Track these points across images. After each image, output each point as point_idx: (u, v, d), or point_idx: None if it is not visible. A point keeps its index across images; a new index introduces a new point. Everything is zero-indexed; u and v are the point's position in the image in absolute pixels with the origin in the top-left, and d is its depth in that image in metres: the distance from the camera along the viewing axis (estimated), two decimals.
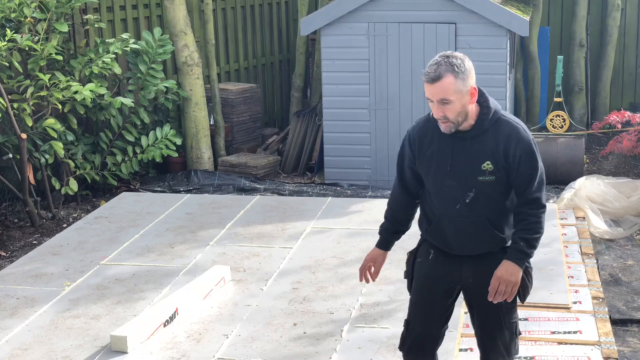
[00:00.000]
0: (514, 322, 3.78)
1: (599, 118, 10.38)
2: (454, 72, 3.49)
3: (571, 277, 5.96)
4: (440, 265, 3.79)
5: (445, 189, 3.66)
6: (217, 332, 5.24)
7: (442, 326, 3.87)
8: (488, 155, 3.59)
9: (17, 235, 7.42)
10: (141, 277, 6.15)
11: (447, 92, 3.49)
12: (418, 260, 3.86)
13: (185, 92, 9.02)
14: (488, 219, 3.66)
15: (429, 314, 3.82)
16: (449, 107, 3.53)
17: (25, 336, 5.26)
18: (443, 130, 3.61)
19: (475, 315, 3.81)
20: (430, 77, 3.50)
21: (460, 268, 3.75)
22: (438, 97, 3.51)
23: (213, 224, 7.28)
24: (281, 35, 11.26)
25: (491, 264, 3.68)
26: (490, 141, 3.60)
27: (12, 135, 7.50)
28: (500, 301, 3.65)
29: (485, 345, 3.82)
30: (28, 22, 7.60)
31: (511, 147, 3.58)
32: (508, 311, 3.74)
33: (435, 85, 3.50)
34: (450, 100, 3.50)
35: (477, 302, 3.77)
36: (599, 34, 10.80)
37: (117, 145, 8.59)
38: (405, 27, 8.36)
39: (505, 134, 3.60)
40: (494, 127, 3.61)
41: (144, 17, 9.35)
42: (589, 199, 7.48)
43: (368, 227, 6.96)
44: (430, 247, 3.83)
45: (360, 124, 8.65)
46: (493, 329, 3.76)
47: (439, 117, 3.57)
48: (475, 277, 3.73)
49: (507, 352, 3.79)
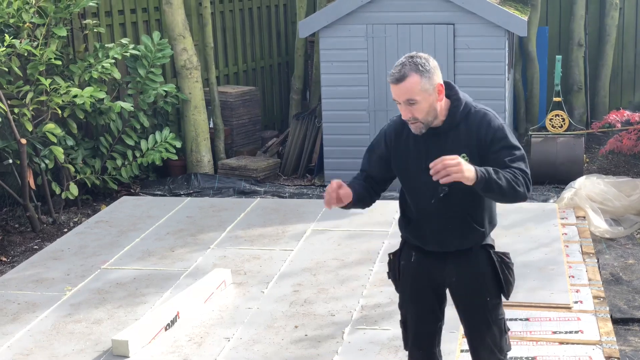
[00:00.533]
0: (501, 318, 3.79)
1: (598, 117, 10.38)
2: (418, 71, 3.48)
3: (572, 276, 5.95)
4: (423, 267, 3.79)
5: (421, 184, 3.64)
6: (218, 335, 5.24)
7: (437, 322, 3.88)
8: (462, 147, 3.58)
9: (18, 241, 7.42)
10: (142, 281, 6.16)
11: (412, 92, 3.48)
12: (402, 263, 3.87)
13: (185, 95, 9.03)
14: (468, 213, 3.66)
15: (422, 313, 3.84)
16: (417, 108, 3.51)
17: (26, 341, 5.26)
18: (413, 131, 3.60)
19: (462, 315, 3.83)
20: (395, 78, 3.49)
21: (443, 268, 3.76)
22: (404, 98, 3.50)
23: (213, 227, 7.29)
24: (280, 37, 11.27)
25: (472, 262, 3.70)
26: (463, 133, 3.60)
27: (12, 140, 7.51)
28: (485, 290, 3.66)
29: (475, 344, 3.82)
30: (27, 27, 7.61)
31: (482, 131, 3.57)
32: (494, 308, 3.75)
33: (400, 86, 3.48)
34: (417, 100, 3.49)
35: (462, 301, 3.79)
36: (597, 33, 10.80)
37: (117, 149, 8.59)
38: (403, 28, 8.37)
39: (476, 123, 3.60)
40: (466, 118, 3.61)
41: (143, 21, 9.36)
42: (589, 198, 7.48)
43: (369, 229, 6.95)
44: (411, 249, 3.83)
45: (359, 126, 8.65)
46: (480, 327, 3.76)
47: (407, 118, 3.55)
48: (457, 276, 3.74)
49: (499, 350, 3.79)
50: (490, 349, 3.78)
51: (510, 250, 6.35)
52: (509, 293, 3.76)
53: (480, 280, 3.72)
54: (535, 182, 8.61)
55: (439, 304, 3.85)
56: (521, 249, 6.45)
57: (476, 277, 3.71)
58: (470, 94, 3.77)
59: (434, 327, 3.87)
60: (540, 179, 8.59)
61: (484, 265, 3.73)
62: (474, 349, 3.85)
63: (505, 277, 3.72)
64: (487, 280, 3.72)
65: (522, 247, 6.51)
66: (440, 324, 3.90)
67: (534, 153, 8.65)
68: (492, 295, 3.73)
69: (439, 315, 3.87)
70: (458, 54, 8.34)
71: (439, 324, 3.89)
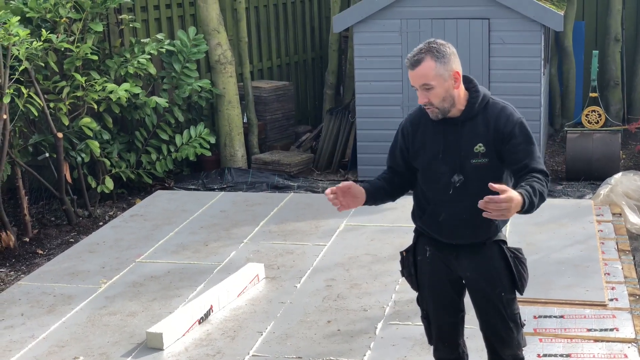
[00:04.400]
0: (517, 313, 3.79)
1: (635, 113, 10.26)
2: (433, 57, 3.52)
3: (607, 274, 5.90)
4: (438, 261, 3.80)
5: (439, 174, 3.66)
6: (251, 329, 5.26)
7: (459, 313, 3.89)
8: (479, 137, 3.60)
9: (54, 234, 7.51)
10: (176, 274, 6.20)
11: (427, 76, 3.52)
12: (419, 259, 3.87)
13: (219, 90, 9.06)
14: None
15: (442, 305, 3.85)
16: (432, 93, 3.55)
17: (62, 333, 5.32)
18: (430, 116, 3.64)
19: (478, 310, 3.83)
20: (411, 62, 3.55)
21: (457, 262, 3.77)
22: (420, 82, 3.54)
23: (247, 221, 7.31)
24: (314, 32, 11.27)
25: (486, 257, 3.70)
26: (481, 124, 3.62)
27: (49, 134, 7.59)
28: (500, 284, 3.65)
29: (491, 340, 3.83)
30: (63, 22, 7.68)
31: (501, 124, 3.59)
32: (508, 303, 3.75)
33: (417, 71, 3.53)
34: (432, 85, 3.53)
35: (477, 296, 3.79)
36: (634, 28, 10.66)
37: (152, 143, 8.65)
38: (437, 23, 8.32)
39: (494, 114, 3.62)
40: (484, 110, 3.63)
41: (178, 16, 9.41)
42: (626, 195, 7.40)
43: (401, 224, 6.94)
44: (425, 245, 3.83)
45: (393, 121, 8.60)
46: (496, 322, 3.76)
47: (423, 102, 3.59)
48: (471, 271, 3.75)
49: (516, 345, 3.80)
50: (507, 343, 3.78)
51: (545, 247, 6.36)
52: (523, 288, 3.76)
53: (494, 275, 3.72)
54: (570, 179, 8.54)
55: (458, 295, 3.86)
56: (556, 246, 6.40)
57: (490, 272, 3.72)
58: (505, 89, 3.79)
59: (455, 318, 3.88)
60: (575, 175, 8.51)
61: (497, 260, 3.73)
62: (490, 346, 3.86)
63: (518, 272, 3.73)
64: (501, 276, 3.73)
65: (557, 243, 6.46)
66: (462, 315, 3.91)
67: (570, 149, 8.56)
68: (506, 290, 3.73)
69: (460, 306, 3.88)
70: (493, 49, 8.28)
71: (461, 315, 3.90)
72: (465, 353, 4.00)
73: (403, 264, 3.96)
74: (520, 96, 8.08)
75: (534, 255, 6.14)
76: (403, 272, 3.97)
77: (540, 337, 4.98)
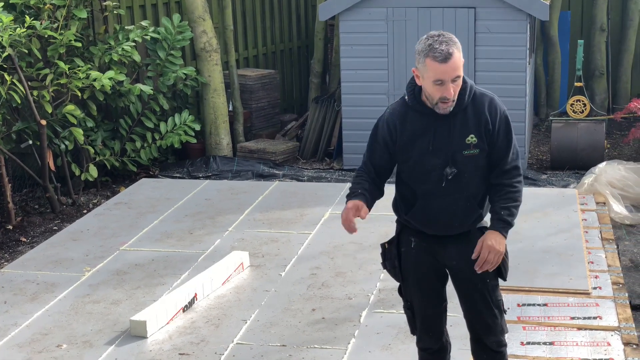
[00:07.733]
0: (500, 299, 3.81)
1: (620, 102, 10.29)
2: (457, 48, 3.52)
3: (591, 262, 5.92)
4: (423, 252, 3.80)
5: (430, 168, 3.65)
6: (235, 317, 5.25)
7: (442, 302, 3.90)
8: (471, 129, 3.62)
9: (37, 221, 7.47)
10: (160, 262, 6.18)
11: (459, 68, 3.52)
12: (403, 250, 3.86)
13: (204, 78, 9.02)
14: (472, 195, 3.68)
15: (427, 296, 3.85)
16: (457, 83, 3.56)
17: (45, 321, 5.30)
18: (442, 112, 3.60)
19: (462, 298, 3.84)
20: (444, 56, 3.47)
21: (443, 251, 3.77)
22: (453, 75, 3.51)
23: (232, 209, 7.30)
24: (300, 21, 11.24)
25: (471, 244, 3.70)
26: (471, 115, 3.62)
27: (32, 122, 7.54)
28: (485, 272, 3.68)
29: (476, 327, 3.85)
30: (47, 8, 7.62)
31: (492, 115, 3.63)
32: (493, 290, 3.77)
33: (450, 64, 3.48)
34: (460, 75, 3.54)
35: (462, 283, 3.80)
36: (619, 18, 10.69)
37: (137, 131, 8.61)
38: (424, 11, 8.32)
39: (484, 105, 3.64)
40: (473, 101, 3.64)
41: (163, 3, 9.36)
42: (610, 184, 7.43)
43: (387, 213, 6.89)
44: (410, 236, 3.82)
45: (379, 110, 8.54)
46: (481, 309, 3.78)
47: (451, 97, 3.55)
48: (458, 260, 3.75)
49: (500, 331, 3.82)
50: (492, 330, 3.80)
51: (530, 236, 6.38)
52: (506, 274, 3.79)
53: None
54: (555, 168, 8.57)
55: (441, 285, 3.87)
56: (540, 235, 6.41)
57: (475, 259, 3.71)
58: (491, 79, 3.80)
59: (439, 308, 3.90)
60: (560, 164, 8.54)
61: None
62: (474, 332, 3.87)
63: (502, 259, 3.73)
64: None
65: (542, 232, 6.47)
66: (445, 304, 3.93)
67: (555, 138, 8.59)
68: (490, 276, 3.75)
69: (443, 295, 3.89)
70: (479, 38, 8.28)
71: (444, 304, 3.92)
72: (448, 342, 4.01)
73: (385, 256, 3.94)
74: (506, 85, 8.09)
75: (518, 243, 6.16)
76: (385, 264, 3.95)
77: (524, 325, 5.00)
